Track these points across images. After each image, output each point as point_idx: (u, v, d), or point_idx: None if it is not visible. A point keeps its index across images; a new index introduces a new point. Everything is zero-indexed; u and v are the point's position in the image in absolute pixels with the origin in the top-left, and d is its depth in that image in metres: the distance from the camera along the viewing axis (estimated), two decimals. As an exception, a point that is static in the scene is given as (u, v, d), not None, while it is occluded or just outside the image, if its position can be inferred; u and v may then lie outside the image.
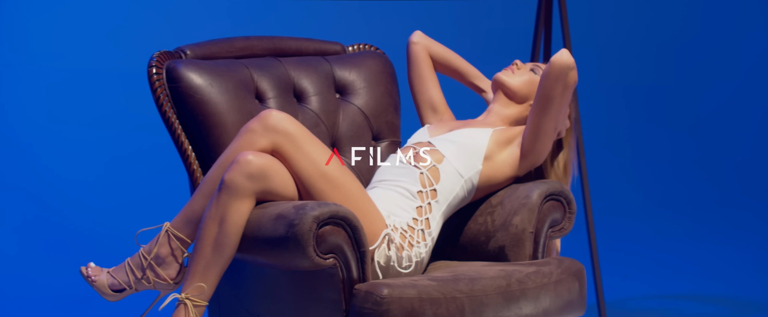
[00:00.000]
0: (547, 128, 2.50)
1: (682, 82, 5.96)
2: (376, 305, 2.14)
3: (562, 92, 2.46)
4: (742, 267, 4.31)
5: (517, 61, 2.65)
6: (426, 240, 2.40)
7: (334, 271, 2.21)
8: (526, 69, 2.64)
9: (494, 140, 2.53)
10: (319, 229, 2.17)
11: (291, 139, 2.30)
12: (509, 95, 2.63)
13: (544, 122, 2.48)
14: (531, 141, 2.51)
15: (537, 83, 2.62)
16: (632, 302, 3.71)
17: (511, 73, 2.63)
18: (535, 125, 2.49)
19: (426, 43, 2.75)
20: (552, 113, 2.48)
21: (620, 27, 5.92)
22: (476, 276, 2.27)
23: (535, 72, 2.63)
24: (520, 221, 2.46)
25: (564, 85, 2.45)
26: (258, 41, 2.74)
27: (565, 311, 2.38)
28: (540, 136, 2.50)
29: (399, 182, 2.46)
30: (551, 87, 2.45)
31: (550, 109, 2.47)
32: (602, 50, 5.83)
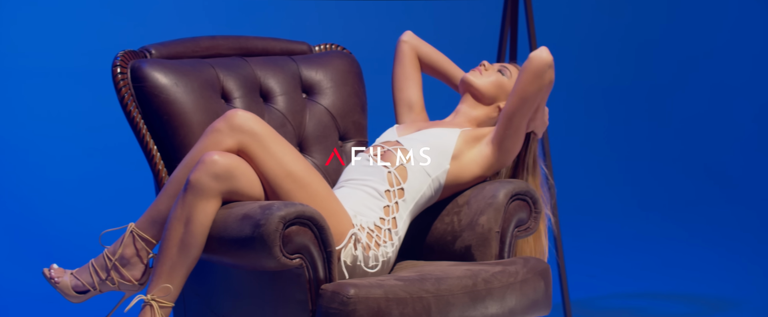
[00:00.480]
0: (519, 125, 2.51)
1: (660, 81, 6.01)
2: (342, 305, 2.14)
3: (537, 91, 2.47)
4: (708, 265, 4.35)
5: (484, 62, 2.66)
6: (393, 239, 2.41)
7: (301, 271, 2.21)
8: (494, 70, 2.65)
9: (462, 139, 2.54)
10: (285, 229, 2.17)
11: (257, 139, 2.30)
12: (477, 97, 2.64)
13: (516, 119, 2.49)
14: (500, 140, 2.52)
15: (504, 85, 2.63)
16: (598, 301, 3.74)
17: (478, 75, 2.64)
18: (507, 121, 2.50)
19: (415, 44, 2.76)
20: (525, 111, 2.49)
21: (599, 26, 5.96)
22: (443, 276, 2.28)
23: (502, 73, 2.64)
24: (487, 220, 2.47)
25: (539, 84, 2.46)
26: (224, 41, 2.73)
27: (531, 310, 2.39)
28: (510, 133, 2.50)
29: (366, 181, 2.46)
30: (527, 84, 2.47)
31: (523, 106, 2.48)
32: (581, 50, 5.86)
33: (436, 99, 3.56)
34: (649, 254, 4.58)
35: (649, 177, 5.75)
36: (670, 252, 4.62)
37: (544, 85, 2.47)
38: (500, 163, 2.55)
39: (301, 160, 2.33)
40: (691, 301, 3.78)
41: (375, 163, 2.49)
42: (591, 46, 5.92)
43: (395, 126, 2.67)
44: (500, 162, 2.55)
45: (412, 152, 2.49)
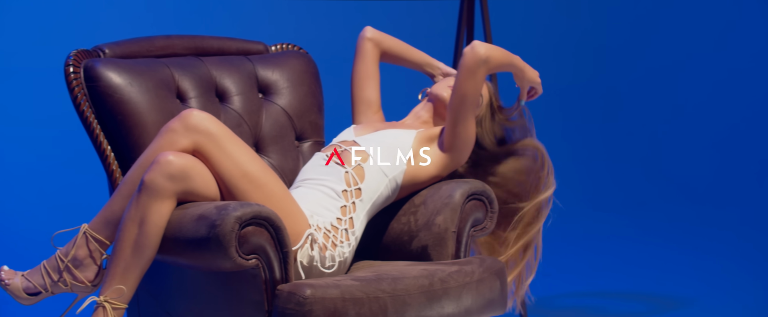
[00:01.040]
0: (465, 123, 2.51)
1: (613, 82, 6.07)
2: (298, 305, 2.14)
3: (474, 88, 2.48)
4: (662, 264, 4.40)
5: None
6: (349, 239, 2.40)
7: (257, 272, 2.20)
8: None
9: (418, 140, 2.54)
10: (241, 230, 2.16)
11: (213, 139, 2.28)
12: (440, 109, 2.65)
13: (460, 117, 2.50)
14: (450, 139, 2.52)
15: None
16: (553, 300, 3.77)
17: (448, 89, 2.63)
18: (452, 121, 2.51)
19: (378, 39, 2.72)
20: (467, 108, 2.50)
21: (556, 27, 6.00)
22: (399, 276, 2.28)
23: None
24: (443, 220, 2.48)
25: (474, 81, 2.47)
26: (179, 40, 2.71)
27: (487, 310, 2.40)
28: (458, 132, 2.51)
29: (323, 181, 2.45)
30: (463, 82, 2.48)
31: (464, 104, 2.49)
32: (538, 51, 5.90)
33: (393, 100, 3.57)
34: (604, 253, 4.62)
35: (604, 177, 5.81)
36: (624, 250, 4.66)
37: (479, 81, 2.47)
38: (455, 162, 2.56)
39: (257, 160, 2.32)
40: (646, 300, 3.82)
41: (332, 163, 2.49)
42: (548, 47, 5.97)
43: (352, 126, 2.67)
44: (455, 161, 2.56)
45: (369, 152, 2.49)
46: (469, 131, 2.53)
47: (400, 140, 2.53)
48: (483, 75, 2.48)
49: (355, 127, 2.65)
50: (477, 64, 2.46)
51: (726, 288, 3.98)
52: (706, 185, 5.69)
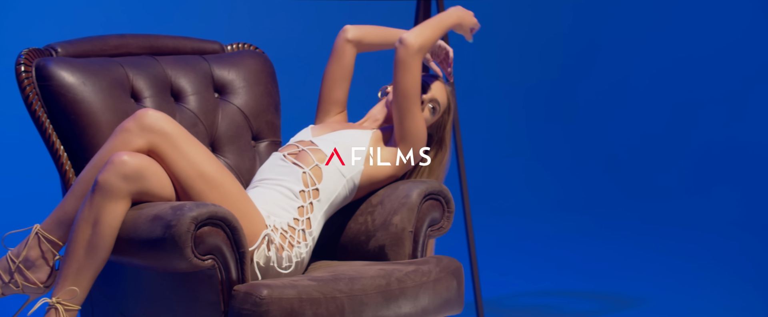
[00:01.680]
0: (411, 119, 2.50)
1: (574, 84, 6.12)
2: (255, 306, 2.13)
3: (412, 81, 2.47)
4: (616, 262, 4.45)
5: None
6: (307, 240, 2.40)
7: (213, 272, 2.18)
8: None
9: (374, 139, 2.55)
10: (197, 230, 2.14)
11: (168, 139, 2.26)
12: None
13: (406, 115, 2.50)
14: (400, 136, 2.52)
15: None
16: (509, 299, 3.79)
17: None
18: (399, 119, 2.51)
19: (359, 39, 2.64)
20: (409, 104, 2.49)
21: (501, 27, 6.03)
22: (356, 276, 2.28)
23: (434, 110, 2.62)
24: (400, 220, 2.48)
25: (411, 74, 2.47)
26: (133, 39, 2.68)
27: (444, 309, 2.41)
28: (406, 128, 2.51)
29: (281, 181, 2.45)
30: (399, 77, 2.49)
31: (405, 101, 2.49)
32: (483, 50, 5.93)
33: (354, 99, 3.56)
34: (559, 252, 4.66)
35: (559, 176, 5.85)
36: (579, 250, 4.71)
37: (416, 72, 2.47)
38: (409, 161, 2.55)
39: (213, 160, 2.31)
40: (600, 298, 3.85)
41: (289, 163, 2.48)
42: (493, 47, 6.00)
43: (310, 126, 2.66)
44: (409, 160, 2.55)
45: (326, 152, 2.49)
46: (417, 125, 2.52)
47: (357, 140, 2.53)
48: (418, 64, 2.48)
49: (312, 127, 2.65)
50: (410, 57, 2.47)
51: (679, 285, 4.03)
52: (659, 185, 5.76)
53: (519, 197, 5.67)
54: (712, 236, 4.94)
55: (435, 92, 2.61)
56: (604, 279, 4.14)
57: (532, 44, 6.10)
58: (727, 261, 4.47)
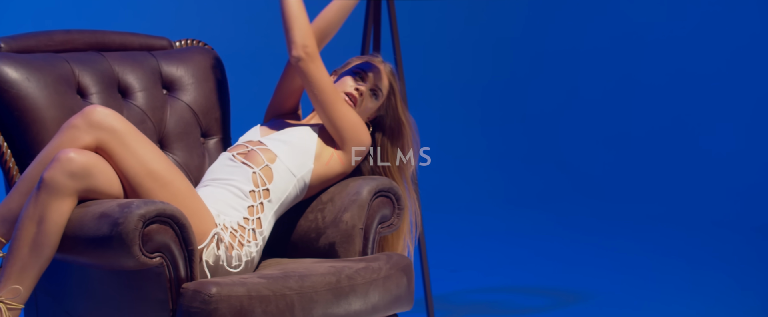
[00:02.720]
0: (339, 117, 2.48)
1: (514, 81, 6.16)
2: (204, 304, 2.11)
3: (319, 81, 2.45)
4: (564, 259, 4.49)
5: (361, 90, 2.57)
6: (257, 239, 2.39)
7: (161, 270, 2.17)
8: (368, 96, 2.59)
9: (323, 137, 2.54)
10: (145, 228, 2.13)
11: (117, 136, 2.24)
12: None
13: (331, 115, 2.48)
14: (337, 136, 2.51)
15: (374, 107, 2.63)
16: (459, 296, 3.81)
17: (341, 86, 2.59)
18: (327, 121, 2.49)
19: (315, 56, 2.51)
20: (330, 102, 2.47)
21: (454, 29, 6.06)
22: (306, 273, 2.28)
23: (375, 96, 2.59)
24: (350, 217, 2.48)
25: (315, 77, 2.45)
26: (79, 35, 2.65)
27: (394, 306, 2.41)
28: (339, 127, 2.49)
29: (230, 180, 2.43)
30: (308, 85, 2.47)
31: (324, 102, 2.47)
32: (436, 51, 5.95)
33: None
34: (510, 248, 4.69)
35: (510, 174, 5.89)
36: (529, 246, 4.74)
37: (316, 71, 2.45)
38: (348, 161, 2.54)
39: (162, 158, 2.29)
40: (549, 294, 3.89)
41: (239, 163, 2.46)
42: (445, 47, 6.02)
43: (258, 126, 2.64)
44: (348, 160, 2.54)
45: (276, 152, 2.48)
46: (349, 122, 2.50)
47: (305, 139, 2.52)
48: (318, 67, 2.44)
49: (261, 127, 2.63)
50: (307, 66, 2.45)
51: (626, 280, 4.08)
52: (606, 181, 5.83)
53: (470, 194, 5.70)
54: (659, 232, 5.01)
55: (372, 79, 2.59)
56: (554, 275, 4.18)
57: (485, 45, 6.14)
58: (674, 255, 4.53)
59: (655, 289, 3.95)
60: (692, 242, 4.82)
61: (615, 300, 3.77)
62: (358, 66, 2.61)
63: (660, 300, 3.78)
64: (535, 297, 3.84)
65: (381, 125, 2.63)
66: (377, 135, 2.63)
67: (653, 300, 3.78)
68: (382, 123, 2.63)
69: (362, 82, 2.58)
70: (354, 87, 2.57)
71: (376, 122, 2.64)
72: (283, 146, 2.49)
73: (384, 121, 2.62)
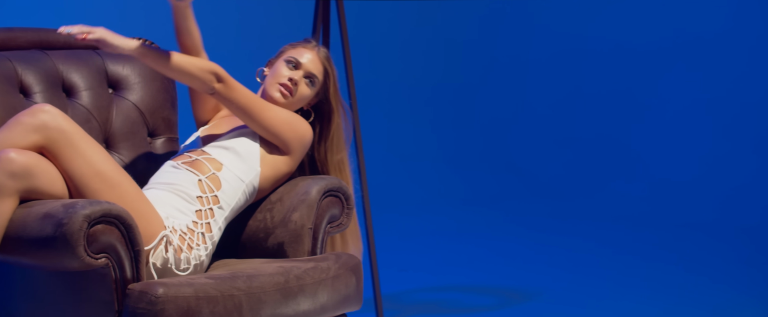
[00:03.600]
0: (268, 121, 2.44)
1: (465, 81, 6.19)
2: (150, 305, 2.09)
3: (244, 104, 2.41)
4: (511, 258, 4.52)
5: (295, 79, 2.54)
6: (206, 243, 2.37)
7: (107, 271, 2.14)
8: (303, 84, 2.55)
9: (264, 140, 2.51)
10: (90, 228, 2.10)
11: (65, 136, 2.21)
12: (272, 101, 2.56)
13: (268, 127, 2.44)
14: (273, 139, 2.47)
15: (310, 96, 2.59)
16: (408, 295, 3.81)
17: (289, 97, 2.54)
18: (265, 134, 2.46)
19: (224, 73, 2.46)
20: (255, 115, 2.43)
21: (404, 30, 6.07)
22: (254, 273, 2.27)
23: (312, 83, 2.56)
24: (299, 217, 2.47)
25: (234, 101, 2.40)
26: (22, 33, 2.61)
27: (343, 305, 2.41)
28: (274, 132, 2.46)
29: (177, 185, 2.40)
30: (232, 110, 2.43)
31: (249, 117, 2.43)
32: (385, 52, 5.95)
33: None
34: (458, 248, 4.71)
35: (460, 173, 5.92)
36: (478, 245, 4.77)
37: (238, 95, 2.40)
38: (296, 152, 2.50)
39: (110, 160, 2.26)
40: (497, 293, 3.91)
41: (184, 170, 2.43)
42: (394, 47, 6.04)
43: (199, 132, 2.58)
44: (296, 151, 2.50)
45: (221, 161, 2.44)
46: (281, 122, 2.46)
47: (249, 144, 2.48)
48: (233, 88, 2.38)
49: (202, 135, 2.57)
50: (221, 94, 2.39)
51: (573, 278, 4.12)
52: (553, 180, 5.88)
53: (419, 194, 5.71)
54: (605, 231, 5.07)
55: (306, 65, 2.54)
56: (503, 273, 4.20)
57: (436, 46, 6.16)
58: (620, 254, 4.59)
59: (602, 287, 4.00)
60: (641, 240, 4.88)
61: (562, 298, 3.81)
62: (292, 54, 2.56)
63: (607, 298, 3.82)
64: (484, 296, 3.86)
65: (320, 110, 2.60)
66: (316, 122, 2.59)
67: (600, 298, 3.82)
68: (321, 109, 2.59)
69: (296, 69, 2.53)
70: (288, 76, 2.52)
71: (316, 108, 2.60)
72: (228, 153, 2.45)
73: (322, 106, 2.59)
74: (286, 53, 2.58)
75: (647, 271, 4.27)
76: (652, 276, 4.19)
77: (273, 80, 2.54)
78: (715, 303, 3.75)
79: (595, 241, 4.84)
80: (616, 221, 5.24)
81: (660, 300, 3.80)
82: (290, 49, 2.58)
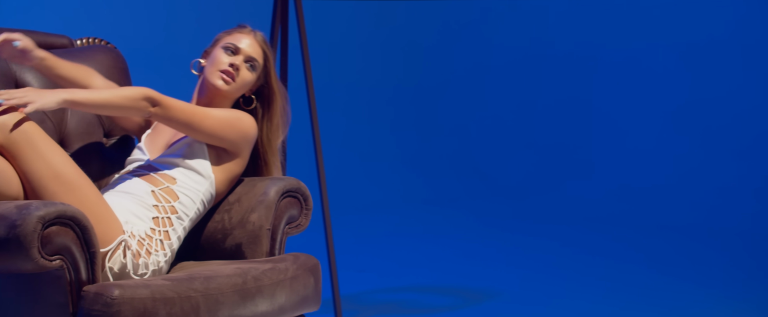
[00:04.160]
0: (216, 126, 2.41)
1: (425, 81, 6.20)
2: (105, 306, 2.07)
3: (169, 124, 2.37)
4: (470, 258, 4.54)
5: (237, 64, 2.48)
6: (165, 249, 2.34)
7: (61, 273, 2.11)
8: (244, 68, 2.50)
9: (212, 147, 2.46)
10: (44, 230, 2.07)
11: (25, 136, 2.18)
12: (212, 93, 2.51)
13: (207, 133, 2.40)
14: (221, 143, 2.44)
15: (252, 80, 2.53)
16: (367, 296, 3.82)
17: (232, 82, 2.49)
18: (205, 139, 2.42)
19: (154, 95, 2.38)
20: (195, 126, 2.38)
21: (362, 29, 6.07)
22: (212, 275, 2.25)
23: (253, 67, 2.50)
24: (258, 218, 2.46)
25: (161, 122, 2.37)
26: (-25, 31, 2.56)
27: (301, 306, 2.41)
28: (220, 137, 2.42)
29: (133, 194, 2.37)
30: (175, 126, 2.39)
31: (190, 129, 2.39)
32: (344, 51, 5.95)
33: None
34: (417, 248, 4.72)
35: (416, 174, 5.93)
36: (437, 246, 4.78)
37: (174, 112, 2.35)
38: (241, 151, 2.47)
39: (71, 162, 2.24)
40: (456, 293, 3.93)
41: (137, 179, 2.40)
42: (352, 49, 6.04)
43: (142, 145, 2.52)
44: (240, 150, 2.46)
45: (172, 175, 2.41)
46: (222, 125, 2.41)
47: (197, 153, 2.43)
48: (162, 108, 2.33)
49: (147, 146, 2.51)
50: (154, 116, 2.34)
51: (530, 278, 4.15)
52: (512, 181, 5.92)
53: (378, 194, 5.72)
54: (562, 231, 5.11)
55: (245, 50, 2.49)
56: (462, 274, 4.22)
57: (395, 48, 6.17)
58: (578, 254, 4.62)
59: (560, 285, 4.03)
60: (597, 239, 4.92)
61: (521, 297, 3.83)
62: (229, 40, 2.50)
63: (565, 296, 3.85)
64: (443, 296, 3.87)
65: (261, 95, 2.55)
66: (258, 107, 2.54)
67: (558, 297, 3.85)
68: (262, 93, 2.54)
69: (235, 55, 2.48)
70: (228, 62, 2.47)
71: (257, 93, 2.54)
72: (178, 169, 2.42)
73: (263, 91, 2.54)
74: (222, 40, 2.52)
75: (604, 270, 4.31)
76: (608, 274, 4.23)
77: (213, 68, 2.48)
78: (670, 300, 3.80)
79: (553, 241, 4.88)
80: (573, 222, 5.28)
81: (616, 298, 3.83)
82: (226, 36, 2.53)
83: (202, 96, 2.52)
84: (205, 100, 2.52)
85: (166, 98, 2.35)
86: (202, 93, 2.53)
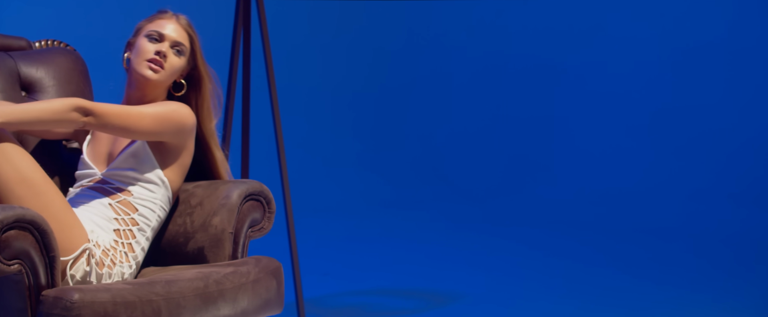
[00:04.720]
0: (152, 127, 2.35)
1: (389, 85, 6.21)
2: (65, 311, 2.05)
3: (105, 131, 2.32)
4: (434, 261, 4.54)
5: (163, 51, 2.42)
6: (129, 261, 2.32)
7: (20, 278, 2.09)
8: (171, 54, 2.44)
9: (153, 147, 2.42)
10: (2, 234, 2.04)
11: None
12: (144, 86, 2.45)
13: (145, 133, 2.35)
14: (162, 138, 2.39)
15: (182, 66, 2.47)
16: (330, 299, 3.81)
17: (161, 71, 2.43)
18: (144, 139, 2.38)
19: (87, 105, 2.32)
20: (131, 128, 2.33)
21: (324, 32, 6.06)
22: (173, 279, 2.24)
23: (180, 52, 2.44)
24: (220, 221, 2.45)
25: (98, 130, 2.32)
26: (-70, 33, 2.52)
27: (263, 310, 2.39)
28: (159, 133, 2.37)
29: (91, 206, 2.34)
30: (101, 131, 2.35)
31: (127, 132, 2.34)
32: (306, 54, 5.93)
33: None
34: (381, 251, 4.72)
35: (380, 177, 5.94)
36: (400, 248, 4.78)
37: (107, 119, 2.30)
38: (184, 145, 2.43)
39: (38, 168, 2.21)
40: (420, 296, 3.93)
41: (94, 192, 2.37)
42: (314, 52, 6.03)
43: (86, 156, 2.46)
44: (182, 144, 2.43)
45: (125, 186, 2.38)
46: (159, 122, 2.36)
47: (143, 159, 2.40)
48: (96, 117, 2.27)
49: (92, 158, 2.46)
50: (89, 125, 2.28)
51: (493, 280, 4.17)
52: (474, 184, 5.94)
53: (341, 197, 5.71)
54: (526, 233, 5.13)
55: (170, 36, 2.44)
56: (426, 277, 4.22)
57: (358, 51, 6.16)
58: (541, 256, 4.65)
59: (523, 287, 4.04)
60: (560, 242, 4.95)
61: (484, 300, 3.84)
62: (151, 27, 2.45)
63: (528, 298, 3.87)
64: (407, 300, 3.87)
65: (190, 79, 2.49)
66: (190, 92, 2.48)
67: (522, 298, 3.87)
68: (191, 77, 2.49)
69: (160, 42, 2.43)
70: (154, 50, 2.41)
71: (187, 78, 2.49)
72: (129, 177, 2.38)
73: (192, 75, 2.48)
74: (145, 29, 2.46)
75: (565, 271, 4.34)
76: (570, 275, 4.26)
77: (140, 58, 2.42)
78: (631, 300, 3.83)
79: (516, 243, 4.90)
80: (536, 225, 5.31)
81: (578, 299, 3.86)
82: (148, 23, 2.47)
83: (133, 89, 2.45)
84: (137, 93, 2.45)
85: (97, 105, 2.28)
86: (132, 86, 2.45)
